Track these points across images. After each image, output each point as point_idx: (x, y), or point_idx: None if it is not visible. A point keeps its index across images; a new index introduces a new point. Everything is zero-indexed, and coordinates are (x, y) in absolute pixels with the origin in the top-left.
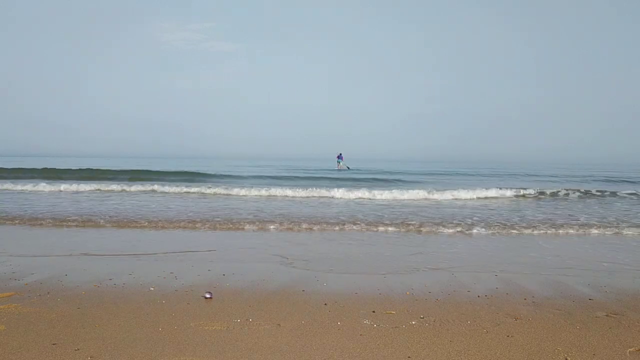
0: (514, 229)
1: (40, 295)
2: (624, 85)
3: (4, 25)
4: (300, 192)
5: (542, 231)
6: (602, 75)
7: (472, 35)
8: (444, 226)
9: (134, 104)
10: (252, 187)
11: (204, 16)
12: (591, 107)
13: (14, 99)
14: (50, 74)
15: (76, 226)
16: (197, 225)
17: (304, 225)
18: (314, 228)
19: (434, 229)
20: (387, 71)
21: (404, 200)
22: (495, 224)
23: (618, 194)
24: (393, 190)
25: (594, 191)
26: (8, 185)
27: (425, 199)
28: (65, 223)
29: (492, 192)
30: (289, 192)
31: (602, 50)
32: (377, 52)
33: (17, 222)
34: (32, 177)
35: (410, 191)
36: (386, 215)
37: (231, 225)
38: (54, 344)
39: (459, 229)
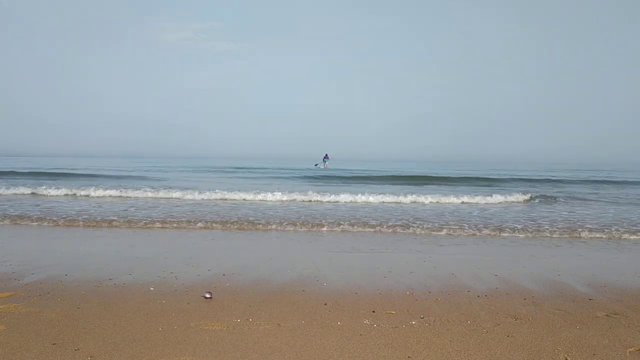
0: None
1: (40, 295)
2: (626, 85)
3: (4, 25)
4: None
5: None
6: (604, 74)
7: (471, 34)
8: None
9: (134, 103)
10: None
11: (205, 16)
12: (592, 106)
13: (13, 98)
14: (50, 73)
15: None
16: None
17: None
18: None
19: None
20: (386, 71)
21: None
22: None
23: None
24: None
25: None
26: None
27: None
28: None
29: None
30: None
31: (603, 50)
32: (377, 52)
33: None
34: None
35: None
36: None
37: None
38: (54, 344)
39: None
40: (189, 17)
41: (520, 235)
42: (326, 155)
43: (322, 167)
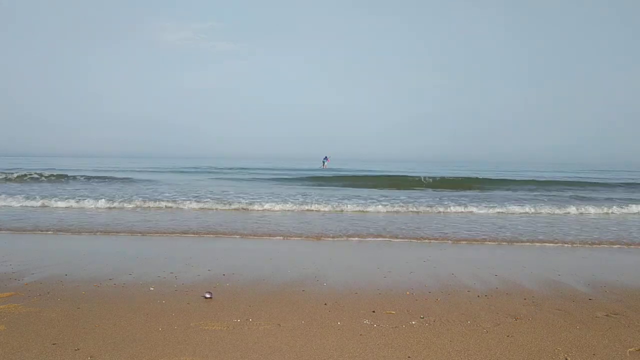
0: None
1: (40, 295)
2: (623, 85)
3: (4, 25)
4: None
5: None
6: (604, 74)
7: (469, 35)
8: None
9: (134, 103)
10: None
11: (205, 16)
12: (592, 106)
13: (13, 98)
14: (50, 73)
15: None
16: None
17: None
18: None
19: None
20: (386, 71)
21: None
22: None
23: None
24: None
25: None
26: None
27: None
28: None
29: None
30: None
31: (603, 50)
32: (377, 52)
33: None
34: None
35: None
36: None
37: None
38: (54, 344)
39: None
40: (189, 17)
41: None
42: (326, 157)
43: (322, 167)
